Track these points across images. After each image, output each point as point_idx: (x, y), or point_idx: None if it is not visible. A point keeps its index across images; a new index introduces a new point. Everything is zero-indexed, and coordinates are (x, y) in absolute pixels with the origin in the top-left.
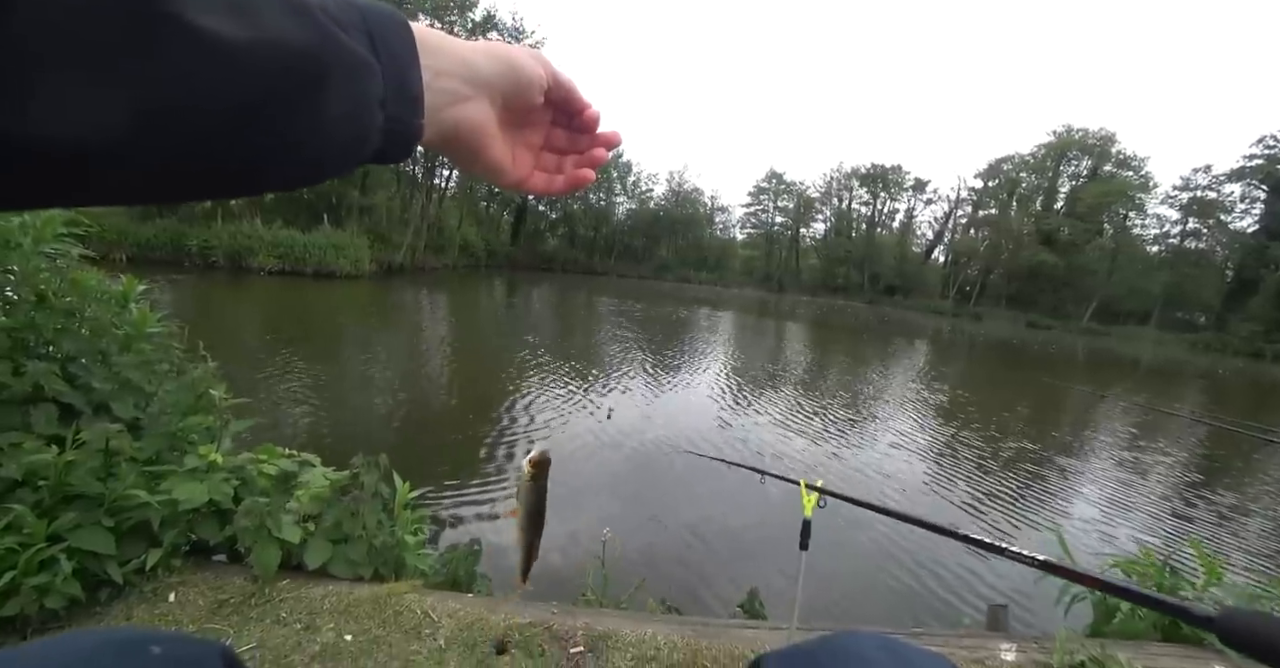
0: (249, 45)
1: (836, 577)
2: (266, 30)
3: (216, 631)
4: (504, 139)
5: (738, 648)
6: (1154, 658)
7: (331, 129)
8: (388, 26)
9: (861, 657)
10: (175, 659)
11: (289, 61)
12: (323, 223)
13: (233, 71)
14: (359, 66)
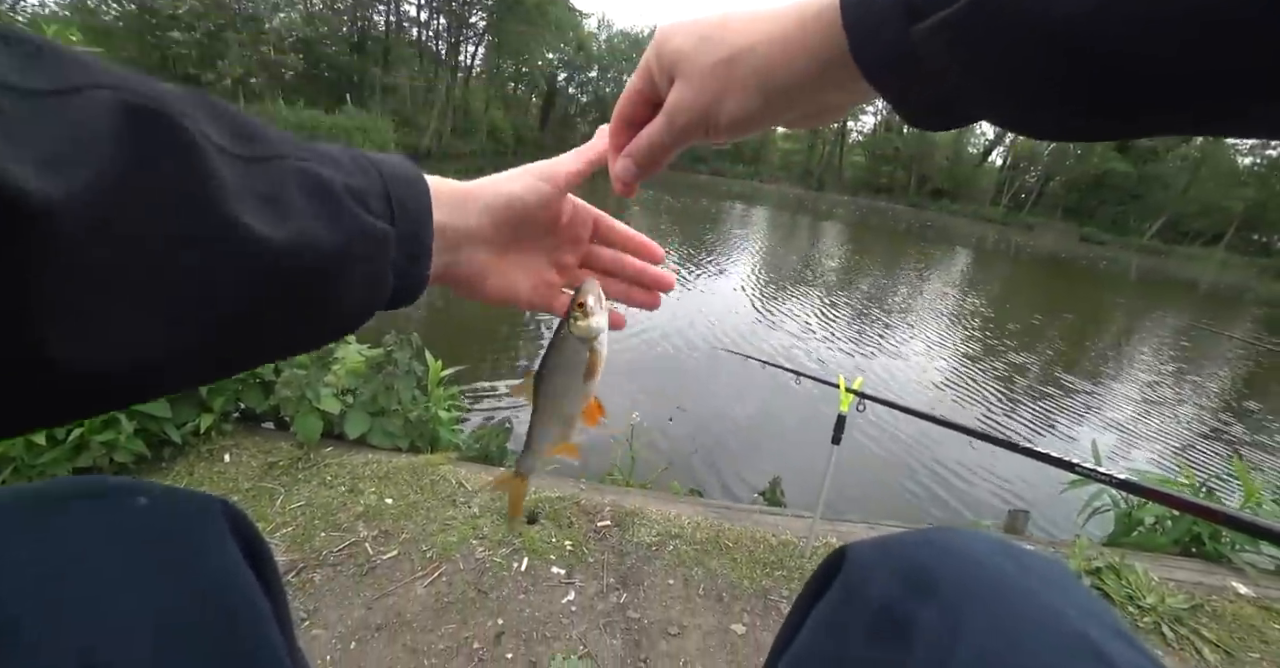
0: (283, 248)
1: (859, 476)
2: (299, 232)
3: (269, 489)
4: (511, 267)
5: (759, 531)
6: (1171, 570)
7: (343, 305)
8: (406, 187)
9: (976, 560)
10: (165, 512)
11: (317, 264)
12: (345, 103)
13: (263, 275)
14: (378, 243)
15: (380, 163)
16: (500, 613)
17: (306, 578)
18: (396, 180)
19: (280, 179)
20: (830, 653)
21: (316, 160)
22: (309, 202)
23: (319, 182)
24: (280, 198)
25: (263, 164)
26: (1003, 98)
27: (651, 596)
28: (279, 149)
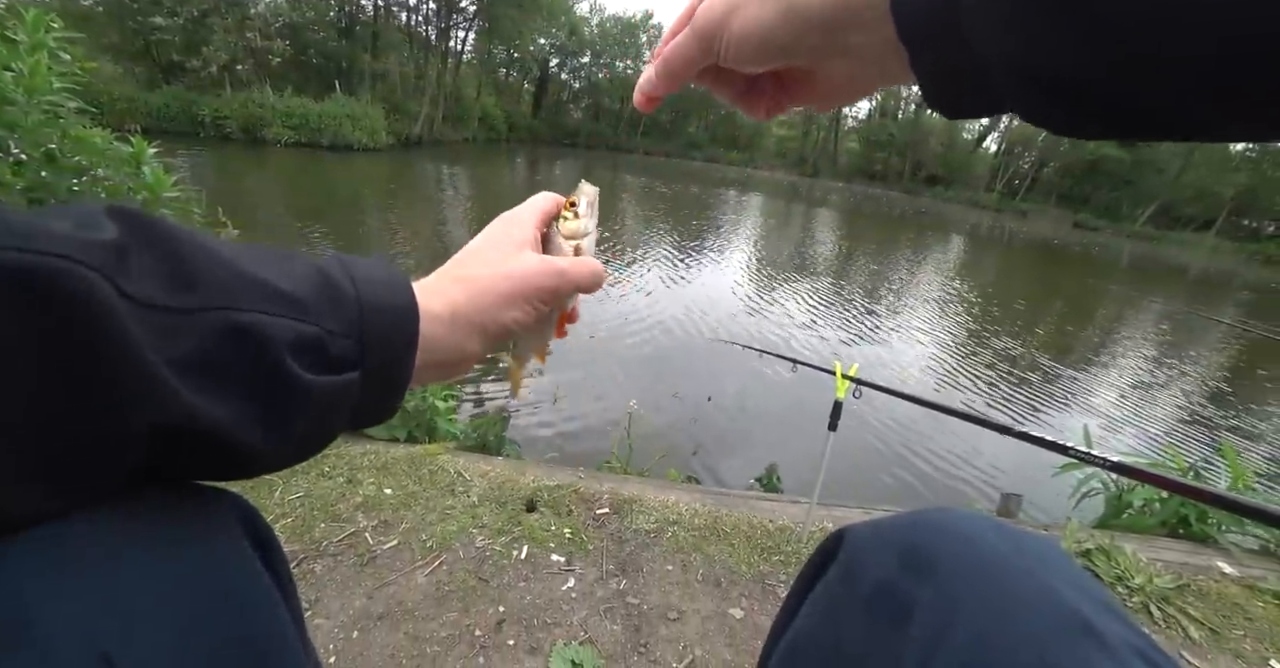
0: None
1: (855, 462)
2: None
3: (267, 481)
4: None
5: (756, 517)
6: (1158, 551)
7: (276, 455)
8: (386, 324)
9: (971, 539)
10: (178, 507)
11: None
12: (334, 90)
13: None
14: (326, 398)
15: (363, 290)
16: (501, 601)
17: (307, 568)
18: (378, 312)
19: (206, 338)
20: (828, 634)
21: (267, 305)
22: (237, 366)
23: (256, 339)
24: (202, 362)
25: (191, 319)
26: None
27: (651, 581)
28: (215, 298)
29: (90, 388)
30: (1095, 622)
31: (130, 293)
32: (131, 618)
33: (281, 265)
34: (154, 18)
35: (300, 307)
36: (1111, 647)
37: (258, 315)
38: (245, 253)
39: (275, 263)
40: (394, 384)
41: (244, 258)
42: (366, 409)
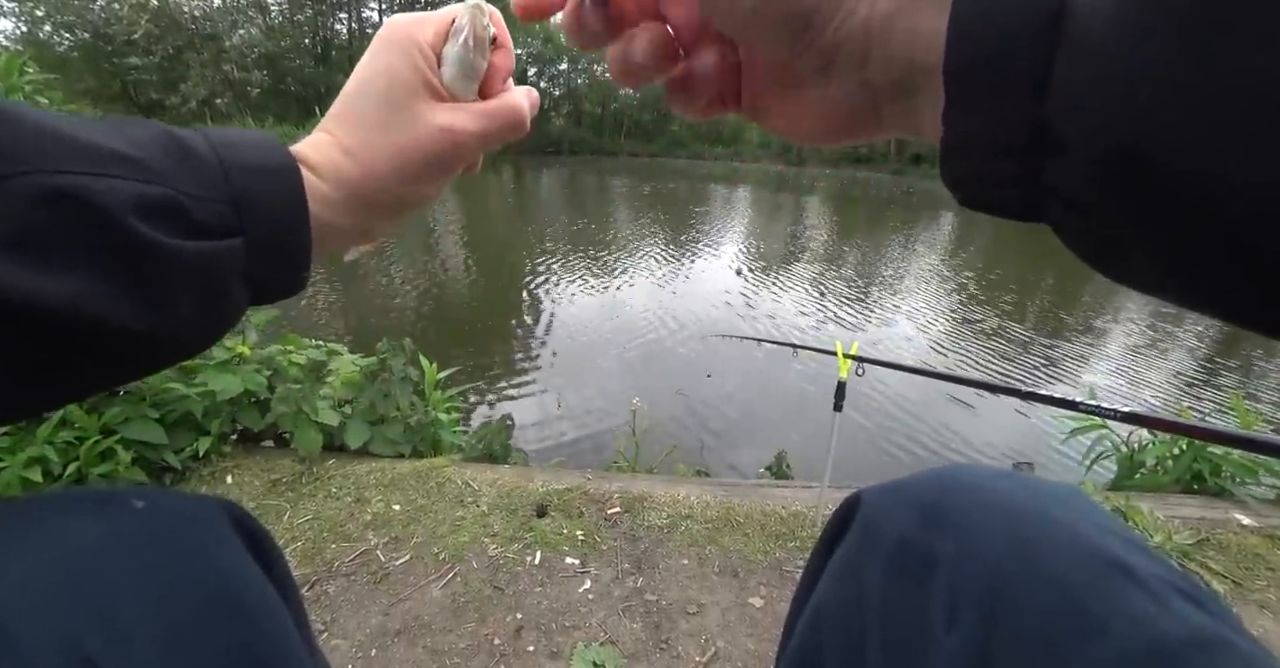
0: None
1: (861, 443)
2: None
3: (275, 506)
4: None
5: (769, 505)
6: (1174, 508)
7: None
8: (261, 186)
9: (988, 488)
10: (164, 513)
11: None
12: (315, 116)
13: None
14: (211, 273)
15: (223, 152)
16: (518, 608)
17: (321, 591)
18: (248, 173)
19: (18, 209)
20: (852, 595)
21: (94, 166)
22: (67, 236)
23: (85, 204)
24: (22, 237)
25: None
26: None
27: (667, 577)
28: (19, 163)
29: None
30: (1125, 558)
31: None
32: (116, 620)
33: (117, 129)
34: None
35: (140, 167)
36: (1144, 582)
37: (83, 177)
38: (67, 119)
39: (108, 128)
40: (292, 251)
41: (65, 122)
42: (268, 281)
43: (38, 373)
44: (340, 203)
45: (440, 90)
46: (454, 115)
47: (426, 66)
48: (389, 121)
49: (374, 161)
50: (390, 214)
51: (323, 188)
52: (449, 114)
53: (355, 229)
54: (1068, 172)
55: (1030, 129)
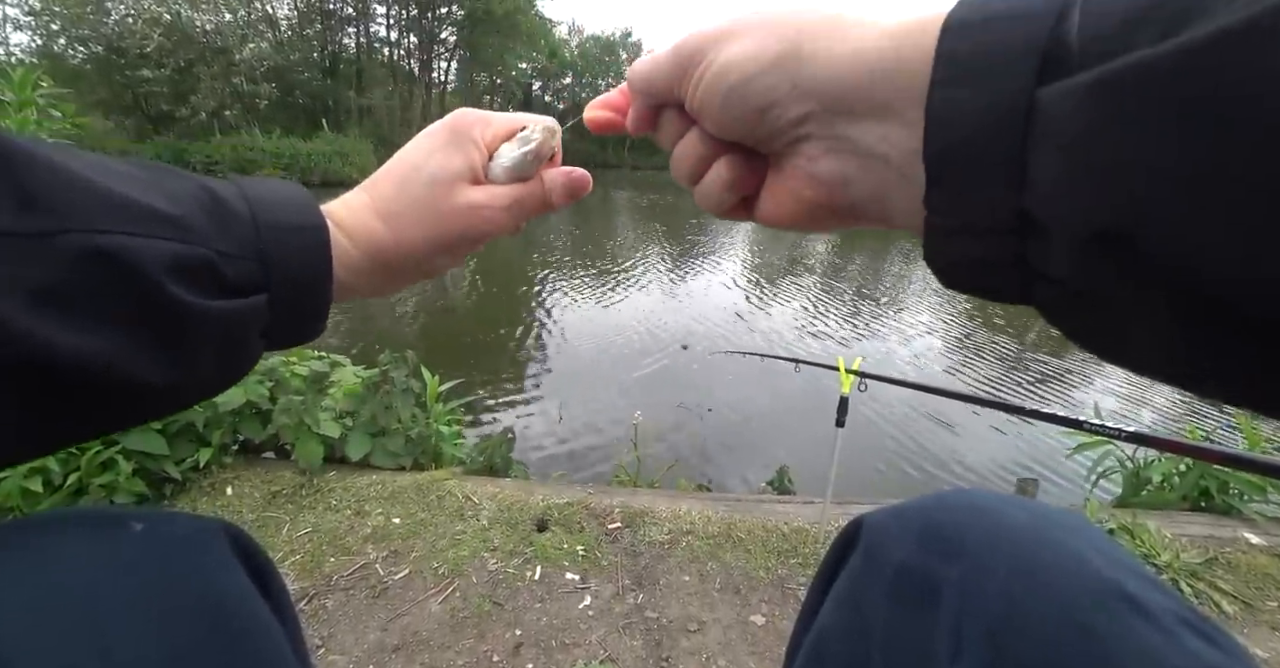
0: (66, 354)
1: (864, 459)
2: (82, 339)
3: (274, 518)
4: None
5: (771, 521)
6: (1181, 526)
7: (176, 390)
8: (290, 244)
9: (993, 514)
10: (163, 536)
11: (112, 373)
12: (322, 128)
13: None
14: (224, 323)
15: (258, 208)
16: (517, 624)
17: (319, 605)
18: (279, 231)
19: (62, 267)
20: (855, 623)
21: (134, 226)
22: (106, 296)
23: (124, 264)
24: (58, 291)
25: (39, 245)
26: None
27: (668, 594)
28: (68, 220)
29: None
30: (1133, 590)
31: None
32: (113, 645)
33: (158, 184)
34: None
35: (178, 226)
36: (1154, 616)
37: (123, 237)
38: (113, 170)
39: (151, 181)
40: (311, 309)
41: (110, 176)
42: (284, 335)
43: (53, 420)
44: (365, 266)
45: (481, 177)
46: (486, 195)
47: (478, 162)
48: (429, 198)
49: (406, 230)
50: (408, 280)
51: (350, 249)
52: (482, 193)
53: (372, 290)
54: (1054, 254)
55: (1012, 214)
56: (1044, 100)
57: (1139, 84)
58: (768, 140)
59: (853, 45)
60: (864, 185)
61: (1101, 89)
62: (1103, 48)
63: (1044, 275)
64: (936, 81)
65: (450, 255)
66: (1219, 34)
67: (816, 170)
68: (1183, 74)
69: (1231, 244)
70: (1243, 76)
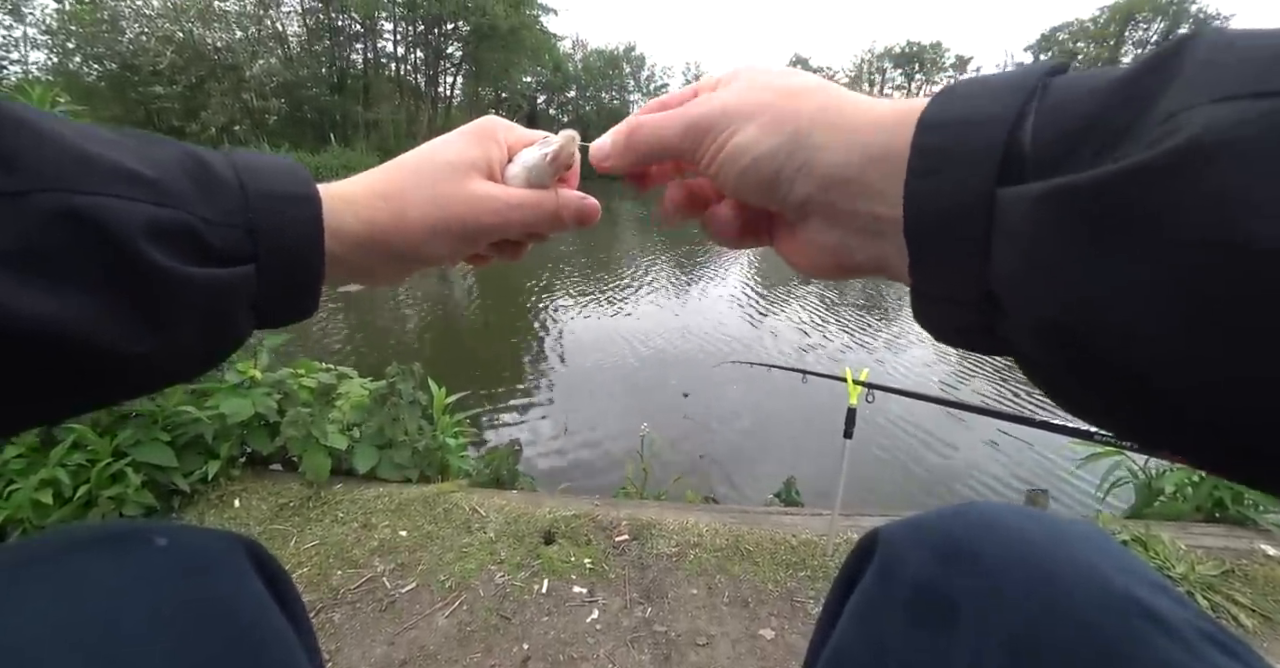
0: (33, 320)
1: (871, 470)
2: (56, 302)
3: (282, 531)
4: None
5: (778, 533)
6: (1197, 538)
7: (157, 364)
8: (280, 214)
9: (1009, 528)
10: (186, 550)
11: (86, 339)
12: (329, 143)
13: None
14: (219, 301)
15: (246, 177)
16: (525, 638)
17: (326, 618)
18: (269, 200)
19: (31, 227)
20: (873, 640)
21: (112, 188)
22: (76, 259)
23: (98, 226)
24: (24, 252)
25: (11, 202)
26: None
27: (676, 607)
28: (42, 179)
29: None
30: (1153, 603)
31: None
32: (136, 661)
33: (140, 149)
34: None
35: (156, 189)
36: (1175, 629)
37: (99, 198)
38: (94, 135)
39: (131, 148)
40: (302, 283)
41: (91, 140)
42: (275, 307)
43: (24, 391)
44: (359, 240)
45: (497, 176)
46: (497, 189)
47: (496, 159)
48: (437, 180)
49: (406, 209)
50: (400, 263)
51: (348, 223)
52: (493, 187)
53: (363, 268)
54: (1014, 332)
55: (980, 294)
56: (1003, 201)
57: (1073, 202)
58: (779, 210)
59: (850, 136)
60: (865, 252)
61: (1044, 203)
62: (1051, 156)
63: (1009, 343)
64: (912, 171)
65: (447, 245)
66: (1133, 167)
67: (823, 239)
68: (1105, 197)
69: (1156, 341)
70: (1148, 202)
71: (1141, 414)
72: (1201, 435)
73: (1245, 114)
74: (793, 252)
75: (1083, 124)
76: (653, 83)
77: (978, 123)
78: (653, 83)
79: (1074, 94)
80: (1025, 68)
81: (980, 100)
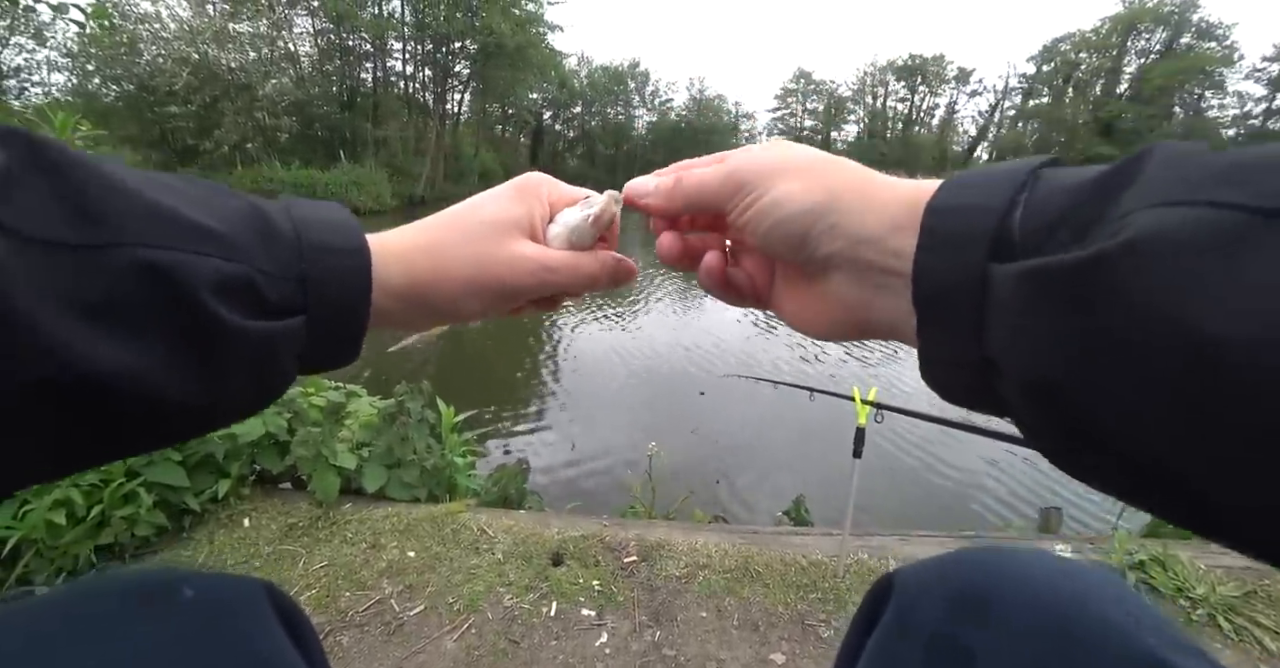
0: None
1: (881, 487)
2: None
3: (290, 552)
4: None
5: (788, 553)
6: (1216, 557)
7: (209, 412)
8: (332, 268)
9: (1027, 578)
10: (212, 602)
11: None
12: (339, 159)
13: (72, 395)
14: (259, 344)
15: (304, 229)
16: (533, 662)
17: (334, 641)
18: (322, 253)
19: (113, 280)
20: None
21: (183, 242)
22: (150, 311)
23: (172, 280)
24: (110, 307)
25: (92, 257)
26: None
27: (686, 631)
28: (122, 233)
29: None
30: (1170, 659)
31: (17, 228)
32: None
33: (208, 200)
34: (169, 107)
35: (225, 244)
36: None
37: (173, 253)
38: (164, 185)
39: (200, 198)
40: (347, 333)
41: (161, 190)
42: (318, 358)
43: (82, 438)
44: (401, 293)
45: (538, 235)
46: (536, 251)
47: (538, 216)
48: (478, 239)
49: (447, 266)
50: (436, 316)
51: (394, 275)
52: (533, 249)
53: (401, 320)
54: (1009, 392)
55: (978, 357)
56: (995, 277)
57: (1048, 280)
58: (802, 263)
59: (878, 205)
60: (882, 309)
61: (1026, 280)
62: (1035, 242)
63: (1007, 403)
64: (920, 247)
65: (484, 303)
66: (1094, 254)
67: (843, 293)
68: (1072, 277)
69: (1119, 401)
70: (1103, 283)
71: (1119, 470)
72: (1169, 490)
73: (1183, 218)
74: (802, 307)
75: (1059, 216)
76: (657, 97)
77: (976, 211)
78: (657, 97)
79: (1056, 189)
80: (1019, 163)
81: (978, 192)
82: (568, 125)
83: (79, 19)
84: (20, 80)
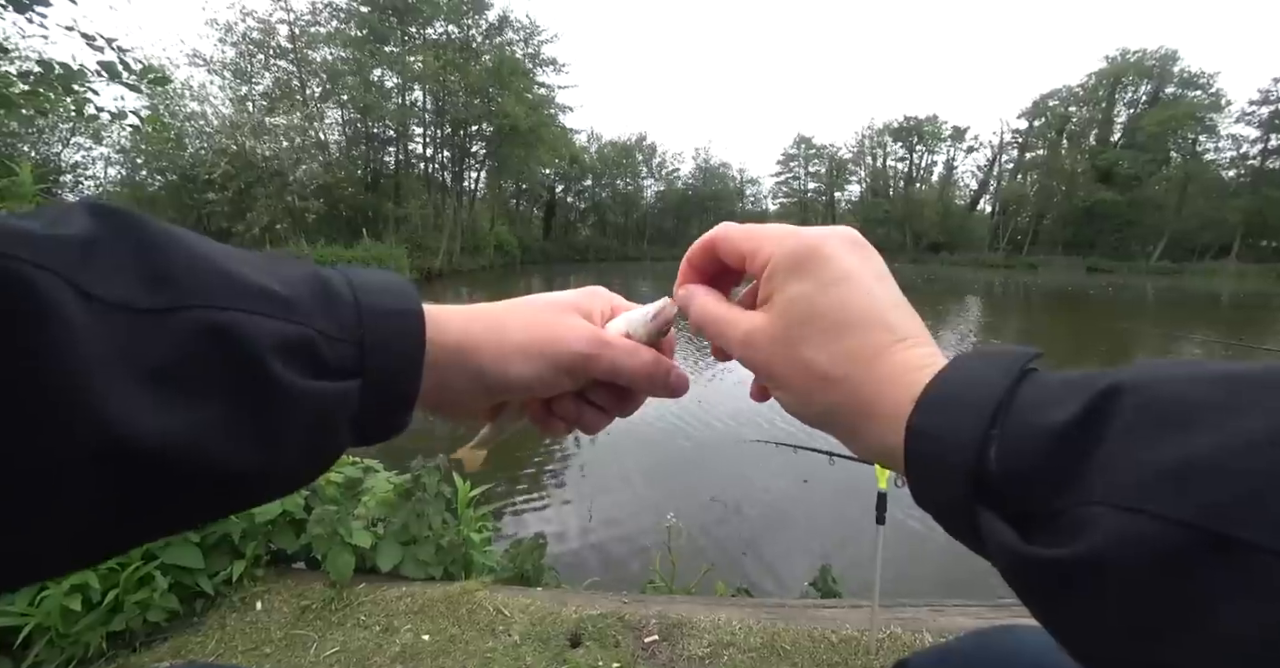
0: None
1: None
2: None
3: (303, 636)
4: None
5: (817, 629)
6: None
7: (265, 480)
8: (388, 330)
9: (1029, 661)
10: None
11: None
12: (362, 237)
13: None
14: (319, 405)
15: (361, 294)
16: None
17: None
18: (379, 316)
19: (179, 341)
20: None
21: (247, 303)
22: (212, 372)
23: (235, 340)
24: (173, 369)
25: (161, 319)
26: None
27: None
28: (191, 295)
29: (25, 406)
30: None
31: (96, 293)
32: None
33: (271, 267)
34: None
35: (286, 305)
36: None
37: (236, 314)
38: (233, 253)
39: (265, 264)
40: (400, 397)
41: (230, 257)
42: (372, 424)
43: (136, 511)
44: (452, 351)
45: (597, 323)
46: (595, 326)
47: (599, 308)
48: (538, 310)
49: (504, 326)
50: (485, 386)
51: (449, 331)
52: (590, 325)
53: (450, 386)
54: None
55: (967, 517)
56: (984, 525)
57: (1024, 568)
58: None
59: (868, 423)
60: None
61: (1009, 566)
62: (1015, 494)
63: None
64: (909, 474)
65: (537, 367)
66: (1064, 556)
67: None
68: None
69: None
70: (1067, 581)
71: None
72: None
73: (1143, 531)
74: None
75: (1032, 471)
76: (664, 167)
77: (951, 448)
78: (664, 167)
79: (1027, 434)
80: (990, 380)
81: (952, 419)
82: (579, 197)
83: (135, 123)
84: (77, 175)
